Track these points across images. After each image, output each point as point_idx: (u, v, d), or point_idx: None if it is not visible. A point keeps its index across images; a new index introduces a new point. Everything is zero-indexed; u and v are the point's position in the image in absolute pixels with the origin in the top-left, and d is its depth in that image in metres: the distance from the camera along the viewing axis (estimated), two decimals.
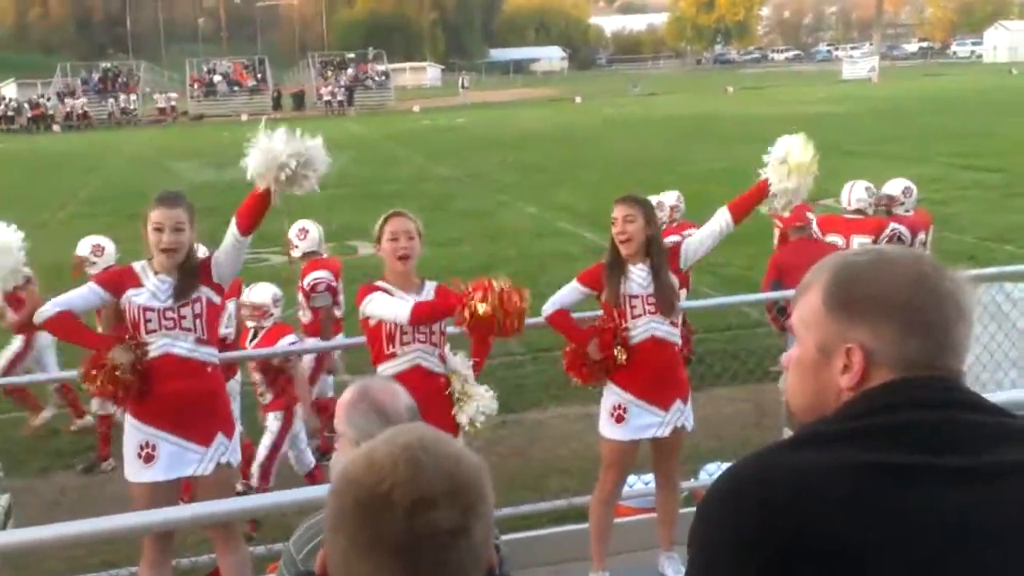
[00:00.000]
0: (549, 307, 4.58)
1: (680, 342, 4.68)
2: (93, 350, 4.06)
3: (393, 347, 4.20)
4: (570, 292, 4.61)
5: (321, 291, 6.69)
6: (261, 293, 5.88)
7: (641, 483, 5.31)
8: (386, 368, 4.19)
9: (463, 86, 62.09)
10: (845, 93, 47.86)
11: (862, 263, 1.43)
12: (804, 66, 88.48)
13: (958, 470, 1.28)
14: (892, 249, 1.47)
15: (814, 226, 7.38)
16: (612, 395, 4.59)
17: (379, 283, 4.26)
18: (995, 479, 1.29)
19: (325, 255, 7.15)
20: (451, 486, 1.22)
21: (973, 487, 1.28)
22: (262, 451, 5.82)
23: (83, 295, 4.13)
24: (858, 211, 7.28)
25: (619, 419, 4.55)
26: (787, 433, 2.34)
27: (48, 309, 4.06)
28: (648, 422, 4.53)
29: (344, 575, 1.25)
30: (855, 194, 7.35)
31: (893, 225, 7.33)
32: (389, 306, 4.11)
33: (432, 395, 4.11)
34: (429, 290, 4.30)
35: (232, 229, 4.12)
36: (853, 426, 1.33)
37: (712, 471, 5.67)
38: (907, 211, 7.56)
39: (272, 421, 5.83)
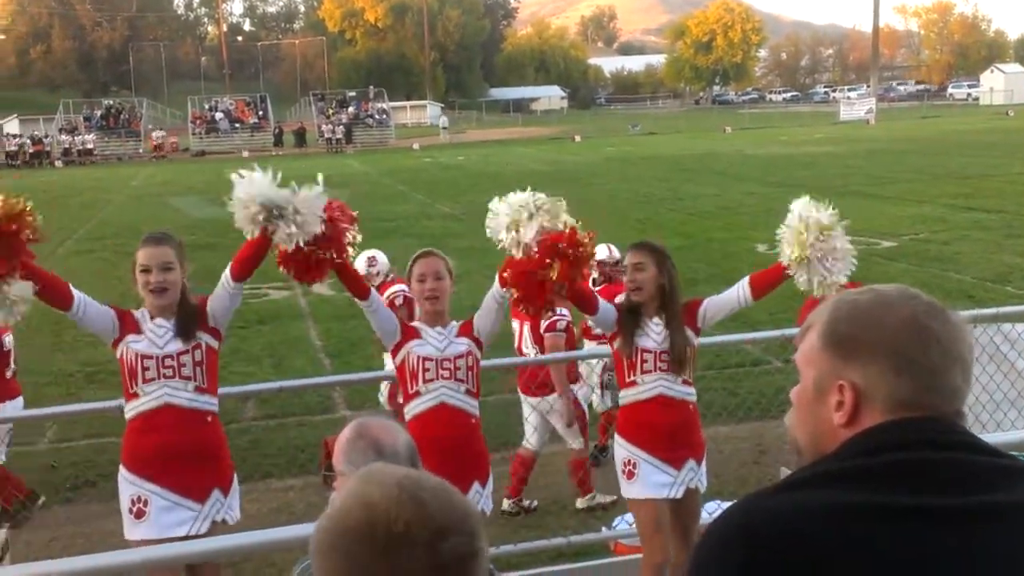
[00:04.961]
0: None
1: (695, 400, 4.47)
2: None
3: (416, 385, 4.14)
4: (607, 306, 4.40)
5: None
6: None
7: (625, 523, 5.30)
8: (412, 408, 4.14)
9: (443, 127, 62.37)
10: (843, 134, 48.20)
11: (857, 303, 1.46)
12: (801, 107, 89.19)
13: (948, 511, 1.28)
14: (891, 290, 1.48)
15: None
16: (621, 449, 4.45)
17: (414, 323, 4.27)
18: (987, 520, 1.29)
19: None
20: (457, 515, 1.26)
21: (963, 528, 1.28)
22: None
23: (99, 308, 3.96)
24: None
25: (630, 475, 4.39)
26: (784, 472, 2.36)
27: None
28: (660, 480, 4.34)
29: None
30: None
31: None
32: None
33: (460, 432, 4.10)
34: (452, 328, 4.24)
35: (226, 274, 4.04)
36: (843, 467, 1.34)
37: (712, 510, 5.64)
38: None
39: None
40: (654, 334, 4.34)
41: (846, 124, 58.84)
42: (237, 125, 60.97)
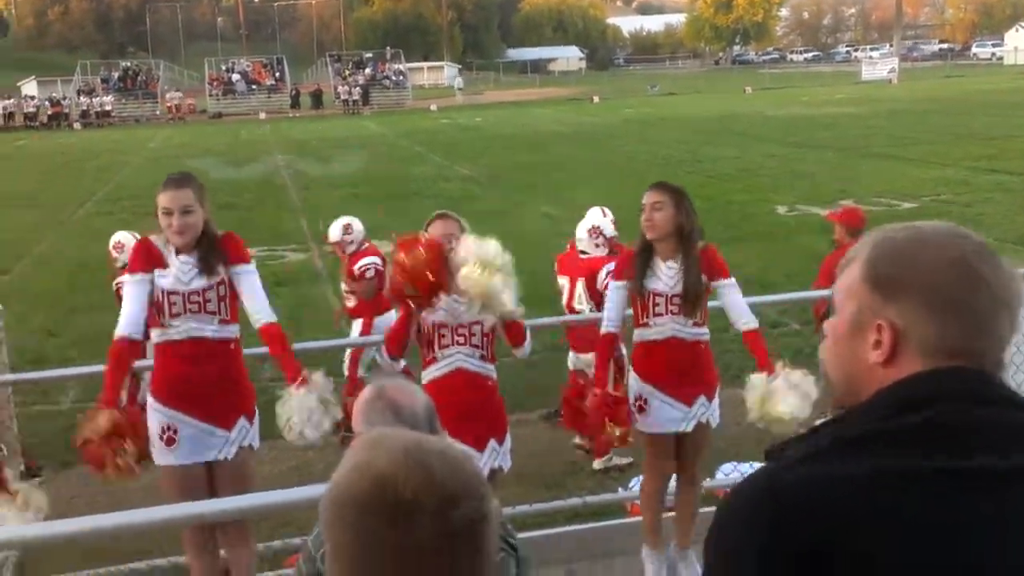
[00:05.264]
0: (608, 325, 4.50)
1: (707, 338, 4.53)
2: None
3: (433, 352, 4.16)
4: (613, 296, 4.51)
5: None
6: None
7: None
8: (429, 373, 4.17)
9: (459, 88, 62.11)
10: (865, 94, 47.63)
11: (900, 240, 1.40)
12: (823, 67, 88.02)
13: (991, 472, 1.24)
14: (938, 228, 1.40)
15: None
16: (635, 384, 4.55)
17: None
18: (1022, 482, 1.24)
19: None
20: (466, 480, 1.25)
21: (998, 491, 1.23)
22: None
23: (135, 295, 4.01)
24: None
25: (641, 409, 4.51)
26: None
27: (119, 330, 4.00)
28: (670, 416, 4.46)
29: None
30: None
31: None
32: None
33: (478, 395, 4.13)
34: None
35: (264, 320, 4.10)
36: (876, 428, 1.29)
37: (728, 471, 5.66)
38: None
39: None
40: (666, 277, 4.38)
41: (868, 84, 58.11)
42: (254, 87, 60.84)
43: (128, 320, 3.99)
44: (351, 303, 7.59)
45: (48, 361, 8.98)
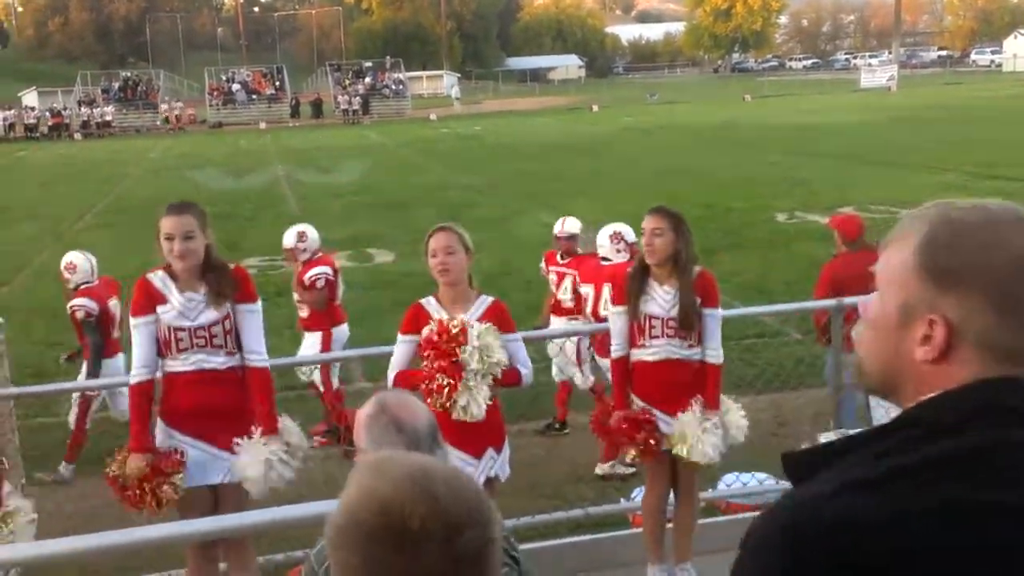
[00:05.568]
0: (617, 350, 4.59)
1: (700, 357, 4.58)
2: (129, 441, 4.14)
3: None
4: (617, 321, 4.58)
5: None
6: None
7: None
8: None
9: (456, 97, 62.36)
10: (864, 102, 47.69)
11: (964, 222, 1.23)
12: (822, 75, 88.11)
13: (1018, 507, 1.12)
14: (1006, 210, 1.24)
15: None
16: (632, 402, 4.61)
17: (425, 300, 4.22)
18: None
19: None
20: (470, 506, 1.25)
21: None
22: None
23: (143, 338, 4.11)
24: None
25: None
26: (824, 438, 2.23)
27: (134, 375, 4.13)
28: (664, 432, 4.53)
29: None
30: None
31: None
32: (393, 361, 4.22)
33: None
34: (482, 304, 4.18)
35: (253, 363, 4.18)
36: (904, 463, 1.17)
37: (730, 482, 5.64)
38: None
39: None
40: (662, 300, 4.47)
41: (867, 91, 58.19)
42: (254, 96, 60.91)
43: (142, 363, 4.12)
44: (304, 313, 7.52)
45: (49, 372, 8.96)
